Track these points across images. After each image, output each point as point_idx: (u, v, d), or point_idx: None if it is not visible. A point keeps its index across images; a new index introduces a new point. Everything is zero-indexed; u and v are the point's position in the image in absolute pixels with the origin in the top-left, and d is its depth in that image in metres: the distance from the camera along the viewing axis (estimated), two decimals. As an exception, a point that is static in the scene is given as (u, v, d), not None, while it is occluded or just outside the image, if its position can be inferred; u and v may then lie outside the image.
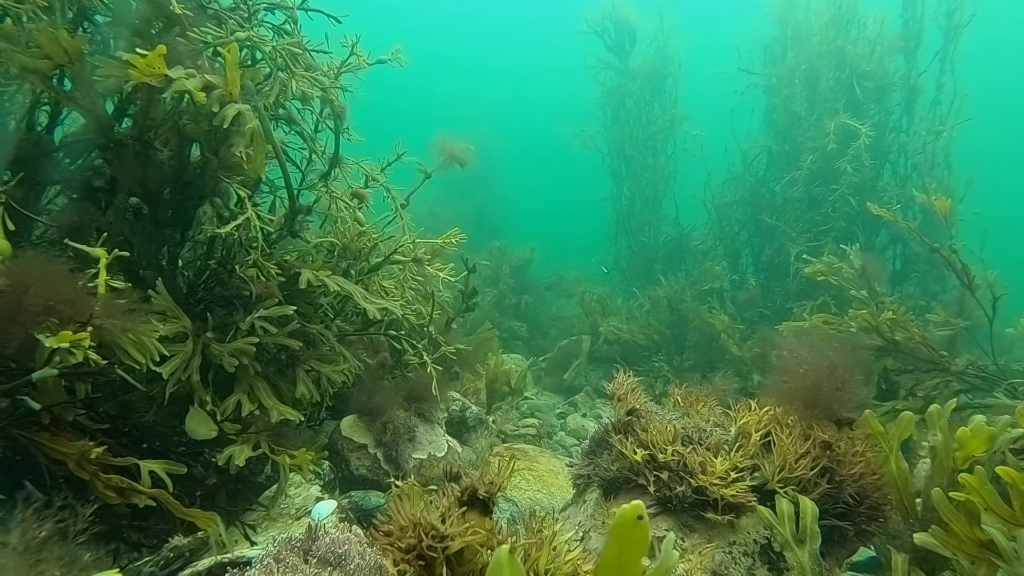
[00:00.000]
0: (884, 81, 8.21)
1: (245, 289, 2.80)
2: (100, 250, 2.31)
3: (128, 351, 2.25)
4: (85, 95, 2.42)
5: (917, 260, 7.76)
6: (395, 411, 3.52)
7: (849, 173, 7.78)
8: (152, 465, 2.23)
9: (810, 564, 2.21)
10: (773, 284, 8.53)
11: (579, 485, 2.77)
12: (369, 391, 3.51)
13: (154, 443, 2.38)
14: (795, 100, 8.56)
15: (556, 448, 5.04)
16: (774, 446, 2.50)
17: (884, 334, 4.26)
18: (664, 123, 10.39)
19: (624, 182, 10.70)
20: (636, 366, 7.07)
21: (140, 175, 2.57)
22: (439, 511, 1.43)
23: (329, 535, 1.69)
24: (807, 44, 8.69)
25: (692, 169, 10.35)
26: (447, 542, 1.38)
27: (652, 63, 10.40)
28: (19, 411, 1.99)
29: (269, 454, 2.77)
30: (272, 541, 1.78)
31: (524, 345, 9.10)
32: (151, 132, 2.58)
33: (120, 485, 2.14)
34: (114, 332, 2.17)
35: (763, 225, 8.89)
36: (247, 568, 1.66)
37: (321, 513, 2.60)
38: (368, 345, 3.82)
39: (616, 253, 10.84)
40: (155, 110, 2.56)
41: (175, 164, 2.65)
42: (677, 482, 2.36)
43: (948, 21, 7.94)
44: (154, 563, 2.06)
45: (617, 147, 10.67)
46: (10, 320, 1.98)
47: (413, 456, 3.46)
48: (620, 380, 2.76)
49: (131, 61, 2.24)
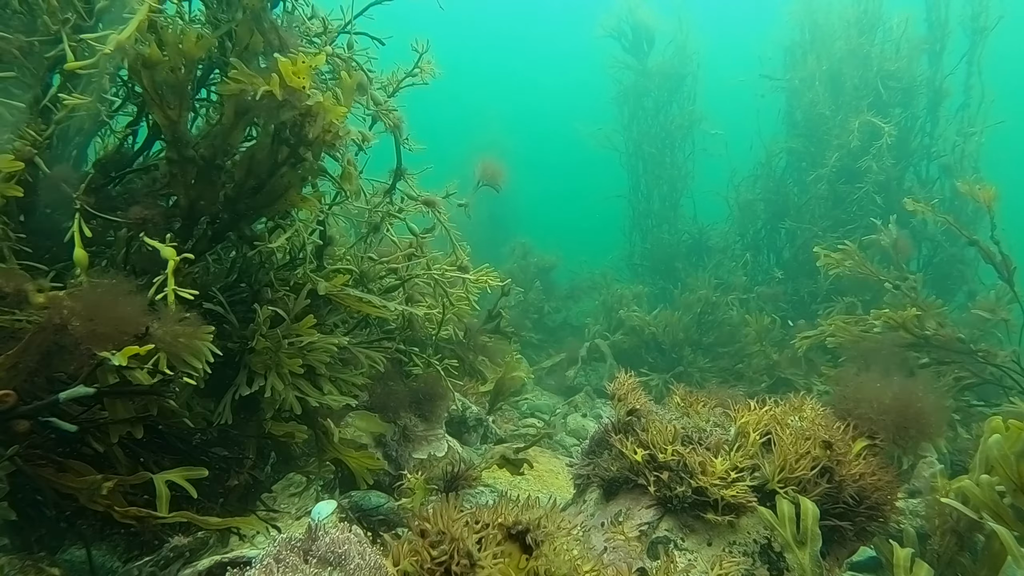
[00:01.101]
0: (909, 83, 8.23)
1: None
2: (170, 250, 2.19)
3: (185, 359, 2.16)
4: (176, 106, 2.34)
5: (935, 264, 7.82)
6: (396, 412, 3.52)
7: (875, 171, 7.81)
8: (170, 475, 2.12)
9: (811, 566, 2.21)
10: (799, 282, 8.53)
11: (579, 485, 2.77)
12: (373, 393, 3.51)
13: (187, 452, 2.38)
14: (819, 101, 8.58)
15: (556, 448, 5.04)
16: (774, 446, 2.50)
17: (913, 331, 4.24)
18: (682, 122, 10.45)
19: (641, 179, 10.74)
20: (653, 364, 7.09)
21: (195, 194, 2.53)
22: (477, 532, 1.40)
23: (329, 535, 1.69)
24: (830, 45, 8.72)
25: (709, 168, 10.43)
26: (476, 570, 1.37)
27: (671, 63, 10.47)
28: (48, 435, 1.91)
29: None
30: (272, 541, 1.78)
31: (535, 352, 9.03)
32: (224, 157, 2.53)
33: (139, 515, 2.05)
34: (169, 341, 2.09)
35: (785, 222, 8.92)
36: (247, 568, 1.67)
37: (321, 513, 2.59)
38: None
39: (630, 250, 10.88)
40: (235, 137, 2.52)
41: (231, 192, 2.59)
42: (677, 482, 2.36)
43: (974, 24, 7.95)
44: (154, 563, 2.06)
45: (635, 145, 10.72)
46: (75, 348, 1.94)
47: (413, 456, 3.46)
48: (621, 380, 2.76)
49: (280, 66, 2.16)
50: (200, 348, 2.18)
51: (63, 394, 1.90)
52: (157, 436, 2.32)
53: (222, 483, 2.52)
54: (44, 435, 1.95)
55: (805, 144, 8.94)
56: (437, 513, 1.42)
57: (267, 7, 2.54)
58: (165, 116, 2.35)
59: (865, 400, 2.72)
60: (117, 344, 1.94)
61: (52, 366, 1.98)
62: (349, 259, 3.51)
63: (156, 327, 2.05)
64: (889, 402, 2.66)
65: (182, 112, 2.37)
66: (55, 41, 2.38)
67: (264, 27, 2.51)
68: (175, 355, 2.12)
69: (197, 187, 2.52)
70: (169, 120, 2.36)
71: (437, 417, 3.82)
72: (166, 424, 2.33)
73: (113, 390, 2.04)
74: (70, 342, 1.95)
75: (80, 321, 1.94)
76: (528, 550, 1.55)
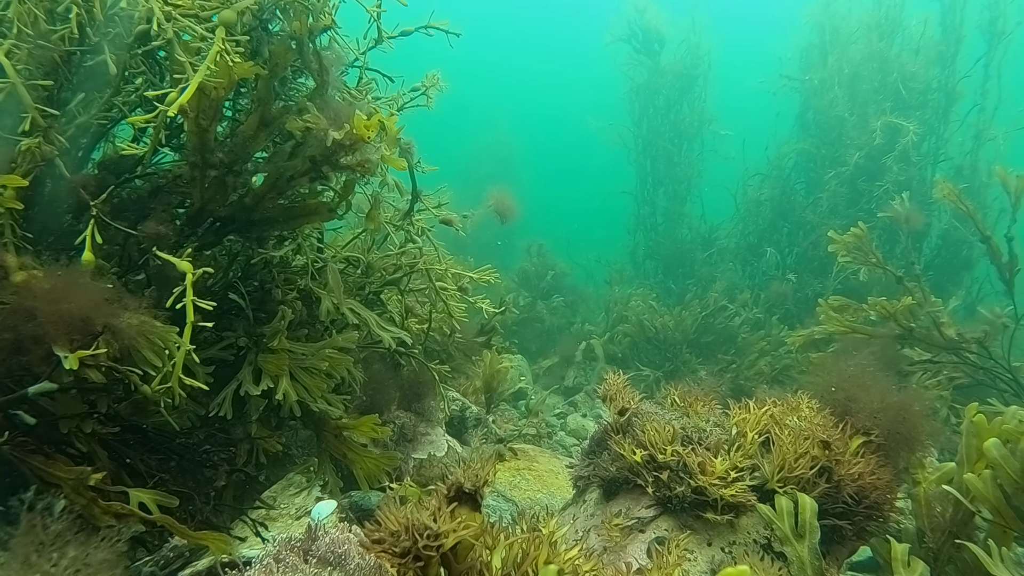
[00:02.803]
0: (926, 84, 8.29)
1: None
2: (187, 264, 2.19)
3: (144, 354, 2.15)
4: (209, 117, 2.37)
5: (933, 264, 7.84)
6: (396, 411, 3.53)
7: (895, 172, 7.83)
8: (142, 496, 2.10)
9: (810, 558, 2.21)
10: (808, 280, 8.55)
11: (579, 485, 2.77)
12: (369, 390, 3.51)
13: (172, 452, 2.36)
14: (837, 102, 8.62)
15: (556, 448, 5.05)
16: (773, 446, 2.50)
17: (903, 323, 4.24)
18: (693, 121, 10.49)
19: (649, 176, 10.77)
20: (648, 361, 7.12)
21: (208, 196, 2.54)
22: (429, 511, 1.43)
23: (329, 535, 1.70)
24: (848, 48, 8.77)
25: (719, 167, 10.47)
26: (441, 539, 1.38)
27: (683, 63, 10.51)
28: (16, 427, 1.92)
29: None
30: (272, 541, 1.78)
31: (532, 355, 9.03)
32: (242, 163, 2.56)
33: (120, 511, 2.03)
34: (131, 334, 2.08)
35: (795, 219, 8.95)
36: (247, 568, 1.67)
37: (321, 513, 2.60)
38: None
39: (634, 247, 10.90)
40: (256, 145, 2.56)
41: (248, 202, 2.62)
42: (677, 482, 2.37)
43: (991, 28, 7.98)
44: (154, 563, 2.06)
45: (644, 142, 10.74)
46: (35, 335, 1.92)
47: (413, 456, 3.46)
48: (610, 381, 2.76)
49: (356, 120, 2.32)
50: (167, 342, 2.17)
51: (32, 388, 1.92)
52: (141, 435, 2.31)
53: (211, 484, 2.51)
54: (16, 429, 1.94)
55: (817, 145, 8.99)
56: (385, 515, 1.44)
57: (311, 36, 2.60)
58: (197, 126, 2.39)
59: (852, 389, 2.71)
60: (82, 331, 1.95)
61: (22, 351, 1.97)
62: (357, 246, 3.55)
63: (125, 318, 2.04)
64: (878, 403, 2.65)
65: (213, 123, 2.41)
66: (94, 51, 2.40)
67: (306, 52, 2.58)
68: (135, 349, 2.11)
69: (211, 190, 2.54)
70: (200, 128, 2.40)
71: (435, 416, 3.83)
72: (150, 423, 2.32)
73: (75, 385, 2.04)
74: (34, 328, 1.93)
75: (46, 304, 1.93)
76: (478, 506, 1.59)
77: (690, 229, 10.50)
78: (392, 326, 3.25)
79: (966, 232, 7.34)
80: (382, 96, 3.38)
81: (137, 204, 2.60)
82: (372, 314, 3.13)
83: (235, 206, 2.61)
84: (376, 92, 3.34)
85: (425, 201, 3.41)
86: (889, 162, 7.87)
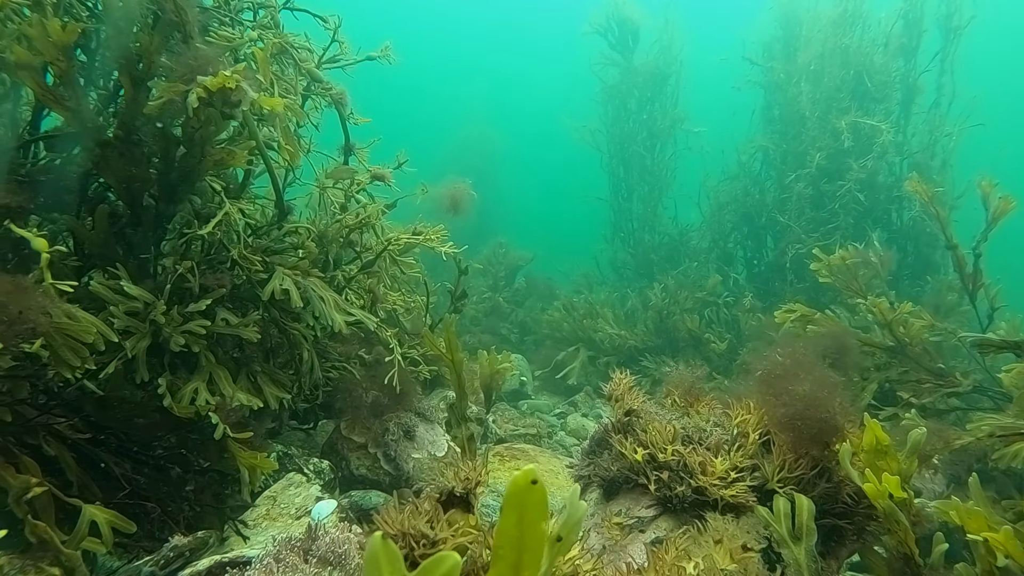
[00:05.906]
0: (887, 78, 8.26)
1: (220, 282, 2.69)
2: (42, 241, 2.07)
3: (59, 353, 2.05)
4: (71, 95, 2.31)
5: (906, 265, 7.82)
6: (395, 411, 3.52)
7: (855, 170, 7.80)
8: (97, 515, 2.02)
9: (806, 560, 2.21)
10: (773, 285, 8.53)
11: (579, 485, 2.77)
12: (366, 390, 3.51)
13: (131, 448, 2.33)
14: (800, 98, 8.58)
15: (556, 448, 5.04)
16: (773, 446, 2.50)
17: (896, 334, 4.21)
18: (665, 122, 10.42)
19: (623, 181, 10.71)
20: (633, 366, 7.09)
21: (125, 175, 2.50)
22: (426, 517, 1.43)
23: (329, 535, 1.70)
24: (811, 42, 8.73)
25: (693, 169, 10.40)
26: (438, 547, 1.38)
27: (656, 62, 10.42)
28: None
29: (235, 447, 2.57)
30: (272, 541, 1.78)
31: (515, 349, 9.03)
32: (136, 133, 2.50)
33: (43, 536, 1.91)
34: (47, 331, 1.97)
35: (760, 224, 8.91)
36: (247, 568, 1.67)
37: (321, 513, 2.60)
38: (363, 340, 3.79)
39: (612, 254, 10.85)
40: (139, 108, 2.46)
41: (160, 166, 2.57)
42: (677, 482, 2.37)
43: (948, 23, 7.99)
44: (154, 563, 2.06)
45: (618, 146, 10.68)
46: None
47: (413, 456, 3.46)
48: (617, 380, 2.76)
49: (208, 82, 2.21)
50: (88, 334, 2.10)
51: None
52: (113, 436, 2.29)
53: (183, 487, 2.47)
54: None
55: (780, 143, 8.92)
56: (383, 521, 1.44)
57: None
58: (65, 109, 2.34)
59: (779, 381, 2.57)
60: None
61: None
62: (307, 222, 3.42)
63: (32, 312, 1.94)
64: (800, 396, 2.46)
65: (80, 100, 2.35)
66: None
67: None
68: (55, 348, 2.04)
69: (124, 167, 2.50)
70: (69, 111, 2.35)
71: (435, 415, 3.83)
72: (117, 424, 2.30)
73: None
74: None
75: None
76: (470, 508, 1.59)
77: (658, 233, 10.38)
78: (355, 309, 3.12)
79: (933, 232, 7.31)
80: (305, 43, 3.25)
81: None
82: (330, 292, 2.97)
83: (157, 177, 2.56)
84: (291, 36, 3.19)
85: (358, 154, 3.35)
86: (850, 160, 7.82)
